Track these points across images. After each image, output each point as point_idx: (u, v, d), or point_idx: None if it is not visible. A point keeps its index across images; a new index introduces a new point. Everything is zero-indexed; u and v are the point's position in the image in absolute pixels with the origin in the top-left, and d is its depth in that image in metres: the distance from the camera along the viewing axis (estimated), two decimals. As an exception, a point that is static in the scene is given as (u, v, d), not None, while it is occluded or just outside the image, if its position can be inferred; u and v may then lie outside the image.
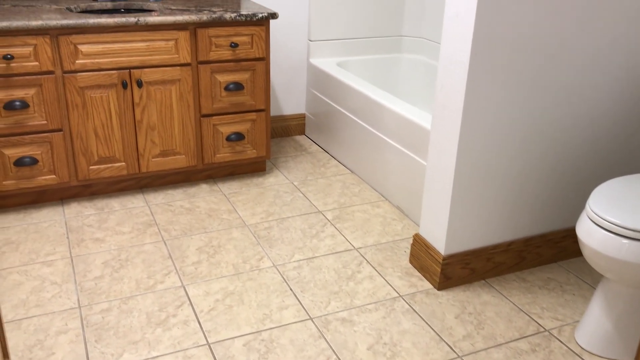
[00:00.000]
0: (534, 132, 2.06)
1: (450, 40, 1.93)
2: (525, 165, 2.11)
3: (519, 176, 2.11)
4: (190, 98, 2.61)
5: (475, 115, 1.94)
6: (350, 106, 2.93)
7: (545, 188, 2.18)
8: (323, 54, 3.33)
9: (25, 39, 2.27)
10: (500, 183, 2.09)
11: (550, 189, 2.19)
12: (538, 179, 2.15)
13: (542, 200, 2.20)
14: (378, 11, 3.35)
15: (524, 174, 2.12)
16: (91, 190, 2.65)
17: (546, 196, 2.20)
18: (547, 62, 1.98)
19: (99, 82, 2.43)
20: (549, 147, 2.12)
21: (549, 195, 2.20)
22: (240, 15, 2.56)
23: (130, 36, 2.42)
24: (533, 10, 1.88)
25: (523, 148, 2.07)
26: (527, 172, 2.12)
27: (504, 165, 2.06)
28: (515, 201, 2.15)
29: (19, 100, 2.33)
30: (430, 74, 3.36)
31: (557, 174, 2.18)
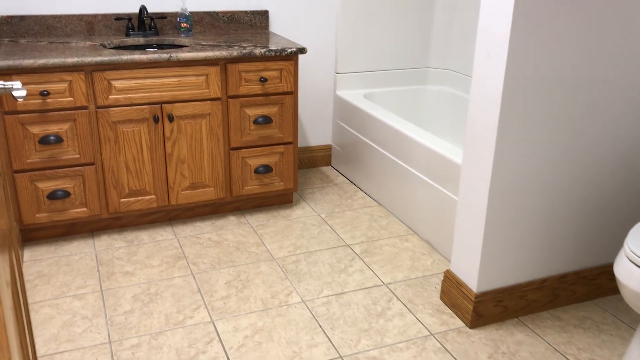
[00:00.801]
0: (567, 168, 2.04)
1: (482, 78, 1.92)
2: (559, 202, 2.07)
3: (552, 212, 2.08)
4: (219, 131, 2.64)
5: (508, 152, 1.92)
6: (377, 138, 2.93)
7: (579, 224, 2.14)
8: (349, 85, 3.35)
9: (61, 76, 2.33)
10: (533, 219, 2.06)
11: (584, 225, 2.15)
12: (571, 215, 2.12)
13: (576, 237, 2.16)
14: (404, 43, 3.37)
15: (557, 210, 2.08)
16: (121, 222, 2.68)
17: (580, 232, 2.16)
18: (580, 100, 1.96)
19: (131, 117, 2.47)
20: (583, 184, 2.08)
21: (582, 232, 2.16)
22: (270, 51, 2.60)
23: (162, 72, 2.46)
24: (565, 47, 1.88)
25: (556, 184, 2.04)
26: (560, 209, 2.09)
27: (536, 201, 2.04)
28: (549, 237, 2.11)
29: (54, 135, 2.38)
30: (457, 106, 3.35)
31: (591, 210, 2.14)
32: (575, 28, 1.87)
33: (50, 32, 2.72)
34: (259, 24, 3.06)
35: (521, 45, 1.82)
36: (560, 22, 1.84)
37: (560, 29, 1.85)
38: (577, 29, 1.87)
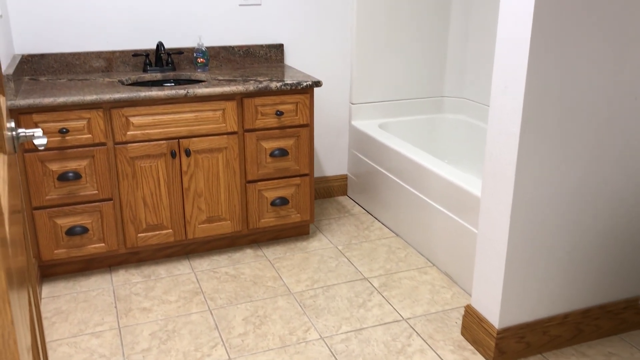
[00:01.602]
0: (589, 200, 2.01)
1: (500, 112, 1.91)
2: (581, 234, 2.04)
3: (574, 245, 2.04)
4: (236, 165, 2.65)
5: (528, 185, 1.90)
6: (393, 168, 2.92)
7: (602, 257, 2.10)
8: (365, 115, 3.35)
9: (80, 113, 2.36)
10: (555, 253, 2.02)
11: (607, 257, 2.11)
12: (594, 248, 2.08)
13: (600, 270, 2.12)
14: (419, 72, 3.38)
15: (579, 242, 2.05)
16: (138, 257, 2.68)
17: (603, 265, 2.12)
18: (599, 131, 1.94)
19: (148, 152, 2.49)
20: (604, 215, 2.05)
21: (606, 264, 2.12)
22: (286, 85, 2.61)
23: (179, 107, 2.49)
24: (583, 79, 1.86)
25: (578, 216, 2.01)
26: (582, 241, 2.05)
27: (558, 234, 2.00)
28: (571, 271, 2.07)
29: (72, 172, 2.40)
30: (473, 134, 3.34)
31: (614, 241, 2.10)
32: (593, 60, 1.86)
33: (70, 69, 2.77)
34: (274, 57, 3.09)
35: (539, 79, 1.81)
36: (577, 55, 1.83)
37: (577, 62, 1.84)
38: (594, 61, 1.86)
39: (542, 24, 1.75)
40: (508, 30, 1.84)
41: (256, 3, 3.00)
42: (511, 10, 1.82)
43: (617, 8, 1.83)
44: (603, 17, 1.82)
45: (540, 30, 1.76)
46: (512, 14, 1.81)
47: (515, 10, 1.80)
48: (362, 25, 3.18)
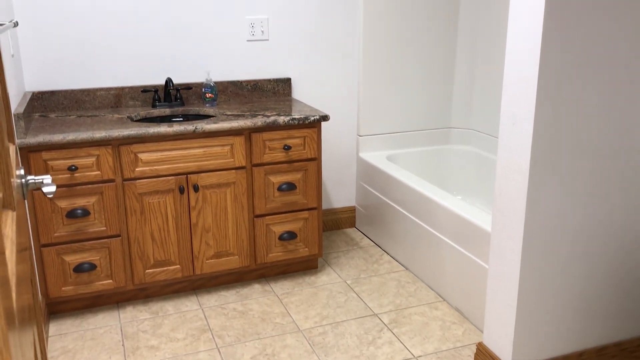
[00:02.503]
0: (600, 236, 1.98)
1: (508, 148, 1.90)
2: (593, 270, 2.01)
3: (588, 281, 2.01)
4: (244, 199, 2.64)
5: (538, 221, 1.88)
6: (401, 200, 2.91)
7: (616, 293, 2.07)
8: (372, 147, 3.35)
9: (89, 150, 2.37)
10: (568, 289, 1.99)
11: (621, 294, 2.07)
12: (607, 284, 2.04)
13: (614, 306, 2.08)
14: (426, 104, 3.39)
15: (593, 278, 2.01)
16: (146, 292, 2.66)
17: (618, 302, 2.08)
18: (609, 166, 1.93)
19: (157, 188, 2.49)
20: (617, 252, 2.02)
21: (621, 301, 2.08)
22: (293, 119, 2.62)
23: (188, 143, 2.50)
24: (592, 115, 1.86)
25: (590, 252, 1.98)
26: (595, 277, 2.02)
27: (570, 270, 1.97)
28: (585, 308, 2.03)
29: (81, 209, 2.40)
30: (481, 165, 3.32)
31: (628, 278, 2.07)
32: (602, 96, 1.85)
33: (79, 105, 2.79)
34: (281, 91, 3.11)
35: (547, 115, 1.80)
36: (586, 91, 1.83)
37: (586, 98, 1.83)
38: (603, 97, 1.86)
39: (550, 61, 1.76)
40: (516, 67, 1.85)
41: (264, 38, 3.03)
42: (519, 46, 1.82)
43: (625, 45, 1.83)
44: (611, 53, 1.82)
45: (548, 67, 1.76)
46: (520, 50, 1.82)
47: (523, 46, 1.80)
48: (369, 57, 3.20)
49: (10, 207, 0.82)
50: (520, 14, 1.80)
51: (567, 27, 1.75)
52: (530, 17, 1.76)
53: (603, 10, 1.77)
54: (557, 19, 1.73)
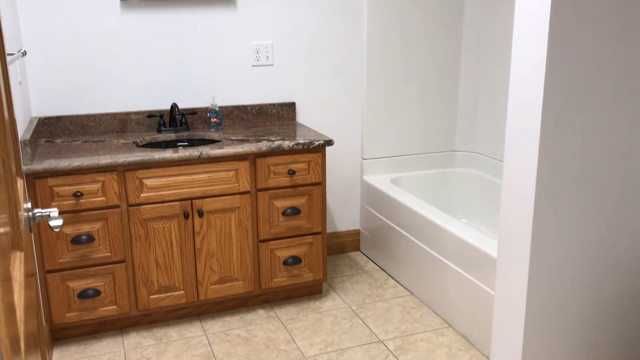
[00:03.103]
0: (608, 262, 1.97)
1: (513, 175, 1.90)
2: (602, 297, 1.99)
3: (596, 308, 1.99)
4: (248, 224, 2.64)
5: (544, 248, 1.87)
6: (406, 224, 2.90)
7: (625, 319, 2.05)
8: (376, 171, 3.35)
9: (94, 176, 2.38)
10: (575, 318, 1.97)
11: (630, 320, 2.05)
12: (616, 310, 2.02)
13: (623, 332, 2.06)
14: (430, 127, 3.40)
15: (601, 305, 2.00)
16: (150, 318, 2.65)
17: (627, 327, 2.06)
18: (617, 194, 1.92)
19: (161, 214, 2.50)
20: (626, 277, 2.01)
21: (630, 327, 2.06)
22: (298, 144, 2.63)
23: (193, 169, 2.50)
24: (597, 143, 1.86)
25: (597, 280, 1.97)
26: (604, 303, 2.00)
27: (577, 298, 1.96)
28: (593, 336, 2.01)
29: (86, 235, 2.41)
30: (486, 188, 3.32)
31: (637, 303, 2.05)
32: (607, 125, 1.86)
33: (85, 130, 2.81)
34: (286, 115, 3.13)
35: (552, 143, 1.80)
36: (591, 119, 1.83)
37: (591, 126, 1.84)
38: (609, 126, 1.86)
39: (553, 89, 1.76)
40: (519, 95, 1.85)
41: (269, 64, 3.06)
42: (522, 74, 1.83)
43: (629, 73, 1.84)
44: (615, 82, 1.83)
45: (552, 94, 1.77)
46: (524, 79, 1.83)
47: (527, 75, 1.81)
48: (372, 81, 3.22)
49: (19, 247, 0.82)
50: (524, 42, 1.81)
51: (570, 55, 1.76)
52: (534, 46, 1.77)
53: (606, 39, 1.79)
54: (561, 47, 1.74)
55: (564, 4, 1.71)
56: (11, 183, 0.80)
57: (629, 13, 1.80)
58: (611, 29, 1.79)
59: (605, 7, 1.76)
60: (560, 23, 1.72)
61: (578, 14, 1.73)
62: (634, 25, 1.81)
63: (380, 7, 3.13)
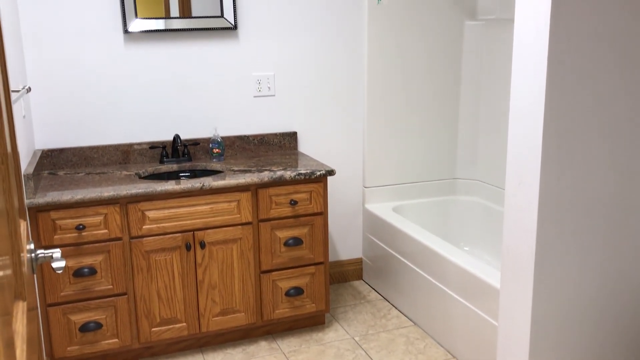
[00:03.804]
0: (612, 295, 1.96)
1: (515, 207, 1.90)
2: (608, 332, 1.97)
3: (601, 341, 1.98)
4: (250, 255, 2.64)
5: (548, 281, 1.86)
6: (408, 254, 2.89)
7: (632, 350, 2.02)
8: (378, 199, 3.36)
9: (97, 209, 2.38)
10: (581, 351, 1.95)
11: (635, 353, 2.03)
12: (620, 344, 2.01)
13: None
14: (431, 155, 3.41)
15: (608, 340, 1.98)
16: (152, 351, 2.63)
17: (635, 359, 2.04)
18: (619, 224, 1.92)
19: (163, 246, 2.49)
20: (630, 310, 1.99)
21: (638, 358, 2.04)
22: (300, 174, 2.64)
23: (194, 200, 2.51)
24: (598, 174, 1.86)
25: (601, 312, 1.95)
26: (610, 339, 1.98)
27: (581, 329, 1.94)
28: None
29: (88, 267, 2.40)
30: (487, 216, 3.32)
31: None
32: (607, 156, 1.86)
33: (88, 162, 2.83)
34: (288, 144, 3.14)
35: (553, 175, 1.81)
36: (591, 151, 1.84)
37: (591, 157, 1.85)
38: (608, 156, 1.86)
39: (554, 120, 1.77)
40: (520, 126, 1.86)
41: (270, 94, 3.08)
42: (522, 107, 1.85)
43: (630, 104, 1.86)
44: (616, 112, 1.84)
45: (552, 127, 1.78)
46: (523, 111, 1.84)
47: (526, 107, 1.83)
48: (373, 109, 3.24)
49: (22, 297, 0.82)
50: (522, 75, 1.83)
51: (569, 87, 1.77)
52: (533, 79, 1.78)
53: (605, 70, 1.80)
54: (559, 79, 1.75)
55: (562, 36, 1.73)
56: (13, 234, 0.81)
57: (627, 44, 1.82)
58: (609, 60, 1.80)
59: (603, 38, 1.78)
60: (559, 55, 1.74)
61: (576, 46, 1.75)
62: (632, 57, 1.83)
63: (380, 37, 3.16)
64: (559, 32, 1.72)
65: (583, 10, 1.74)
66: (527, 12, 1.79)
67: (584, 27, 1.75)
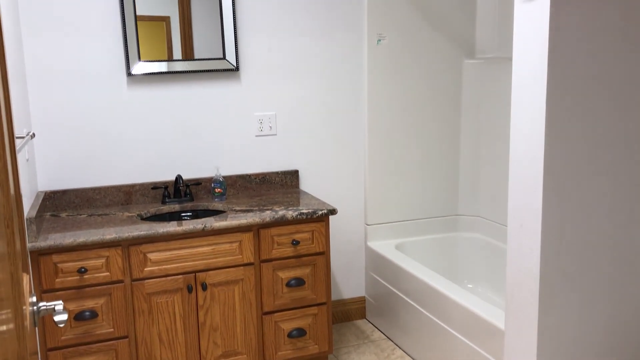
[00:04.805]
0: (616, 336, 1.94)
1: (517, 251, 1.90)
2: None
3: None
4: (252, 296, 2.62)
5: (552, 326, 1.85)
6: (411, 292, 2.87)
7: (638, 398, 2.00)
8: (380, 236, 3.35)
9: (99, 252, 2.38)
10: (588, 395, 1.93)
11: (643, 398, 2.00)
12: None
13: (637, 411, 2.00)
14: (433, 192, 3.41)
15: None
16: (152, 395, 2.59)
17: (640, 406, 2.00)
18: (621, 271, 1.91)
19: (165, 288, 2.48)
20: (637, 352, 1.97)
21: (643, 405, 2.01)
22: (301, 214, 2.64)
23: (196, 241, 2.51)
24: (600, 214, 1.86)
25: (610, 354, 1.93)
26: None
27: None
28: (607, 414, 1.96)
29: (89, 311, 2.39)
30: (490, 252, 3.31)
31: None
32: (609, 196, 1.87)
33: (90, 203, 2.83)
34: (289, 183, 3.15)
35: (555, 216, 1.81)
36: (591, 190, 1.84)
37: (592, 197, 1.85)
38: (610, 196, 1.87)
39: (554, 163, 1.78)
40: (520, 171, 1.87)
41: (272, 133, 3.11)
42: (522, 151, 1.86)
43: (627, 147, 1.87)
44: (615, 156, 1.85)
45: (553, 169, 1.78)
46: (523, 156, 1.85)
47: (526, 152, 1.84)
48: (374, 147, 3.26)
49: (23, 354, 0.82)
50: (522, 119, 1.85)
51: (569, 130, 1.79)
52: (532, 122, 1.80)
53: (605, 112, 1.82)
54: (559, 123, 1.77)
55: (560, 80, 1.75)
56: (18, 297, 0.81)
57: (624, 87, 1.84)
58: (608, 102, 1.82)
59: (601, 81, 1.80)
60: (557, 99, 1.76)
61: (574, 89, 1.77)
62: (630, 98, 1.85)
63: (380, 76, 3.20)
64: (556, 75, 1.74)
65: (579, 53, 1.76)
66: (524, 57, 1.82)
67: (581, 70, 1.78)
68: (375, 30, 3.16)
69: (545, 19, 1.72)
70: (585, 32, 1.75)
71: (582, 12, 1.74)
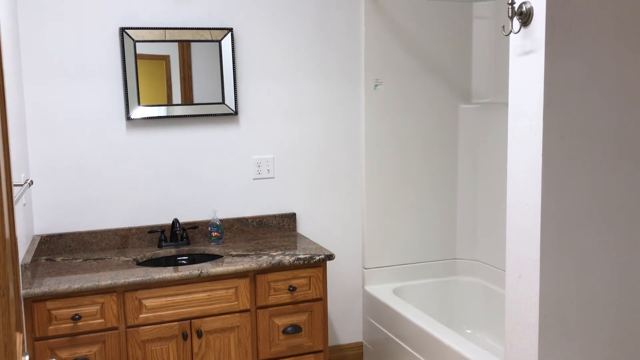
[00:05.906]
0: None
1: (516, 301, 1.89)
2: None
3: None
4: (248, 344, 2.59)
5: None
6: (409, 339, 2.83)
7: None
8: (378, 280, 3.33)
9: (94, 298, 2.36)
10: None
11: None
12: None
13: None
14: (430, 236, 3.41)
15: None
16: None
17: None
18: (621, 319, 1.90)
19: (160, 335, 2.45)
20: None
21: None
22: (298, 259, 2.63)
23: (192, 288, 2.48)
24: (598, 264, 1.86)
25: (610, 410, 1.90)
26: None
27: None
28: None
29: (83, 359, 2.35)
30: (488, 297, 3.28)
31: None
32: (606, 246, 1.86)
33: (86, 247, 2.82)
34: (287, 226, 3.15)
35: (552, 270, 1.80)
36: (588, 240, 1.84)
37: (590, 248, 1.85)
38: (608, 248, 1.87)
39: (551, 217, 1.79)
40: (518, 222, 1.87)
41: (270, 176, 3.12)
42: (519, 202, 1.86)
43: (625, 197, 1.87)
44: (612, 207, 1.86)
45: (551, 222, 1.79)
46: (521, 208, 1.86)
47: (524, 203, 1.84)
48: (372, 190, 3.27)
49: None
50: (519, 170, 1.86)
51: (567, 181, 1.80)
52: (529, 174, 1.81)
53: (602, 163, 1.83)
54: (556, 175, 1.78)
55: (555, 132, 1.77)
56: (10, 349, 0.80)
57: (620, 138, 1.86)
58: (605, 154, 1.84)
59: (597, 133, 1.82)
60: (553, 151, 1.77)
61: (570, 141, 1.79)
62: (626, 150, 1.87)
63: (377, 121, 3.23)
64: (552, 127, 1.76)
65: (575, 104, 1.78)
66: (520, 109, 1.84)
67: (577, 121, 1.79)
68: (373, 76, 3.21)
69: (540, 72, 1.75)
70: (580, 83, 1.78)
71: (577, 64, 1.77)
